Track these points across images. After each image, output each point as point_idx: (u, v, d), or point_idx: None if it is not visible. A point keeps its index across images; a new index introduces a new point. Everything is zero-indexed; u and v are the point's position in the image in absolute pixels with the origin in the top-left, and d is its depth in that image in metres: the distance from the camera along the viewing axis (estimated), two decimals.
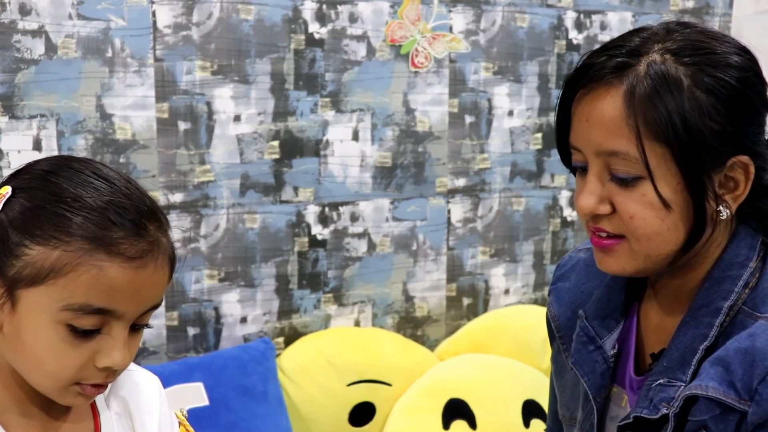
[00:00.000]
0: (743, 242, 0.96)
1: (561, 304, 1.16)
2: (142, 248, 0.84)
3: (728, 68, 0.90)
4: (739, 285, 0.93)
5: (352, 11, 2.03)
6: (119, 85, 1.82)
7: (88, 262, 0.82)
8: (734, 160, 0.90)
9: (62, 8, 1.75)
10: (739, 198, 0.93)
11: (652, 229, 0.91)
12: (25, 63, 1.73)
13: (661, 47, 0.91)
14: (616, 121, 0.90)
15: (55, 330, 0.83)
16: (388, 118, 2.10)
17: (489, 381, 1.97)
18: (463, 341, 2.16)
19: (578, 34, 2.28)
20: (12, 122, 1.73)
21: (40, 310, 0.83)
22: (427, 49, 2.11)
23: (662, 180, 0.90)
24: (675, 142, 0.88)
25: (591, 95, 0.92)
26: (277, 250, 2.02)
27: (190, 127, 1.90)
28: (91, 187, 0.85)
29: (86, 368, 0.85)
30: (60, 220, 0.83)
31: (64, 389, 0.86)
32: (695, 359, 0.92)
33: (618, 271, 0.97)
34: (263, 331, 2.04)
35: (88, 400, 0.89)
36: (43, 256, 0.82)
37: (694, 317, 0.94)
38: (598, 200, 0.94)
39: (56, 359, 0.84)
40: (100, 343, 0.84)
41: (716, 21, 2.47)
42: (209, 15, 1.89)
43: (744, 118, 0.91)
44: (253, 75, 1.94)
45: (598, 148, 0.92)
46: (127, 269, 0.83)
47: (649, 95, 0.88)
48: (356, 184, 2.09)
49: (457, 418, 1.91)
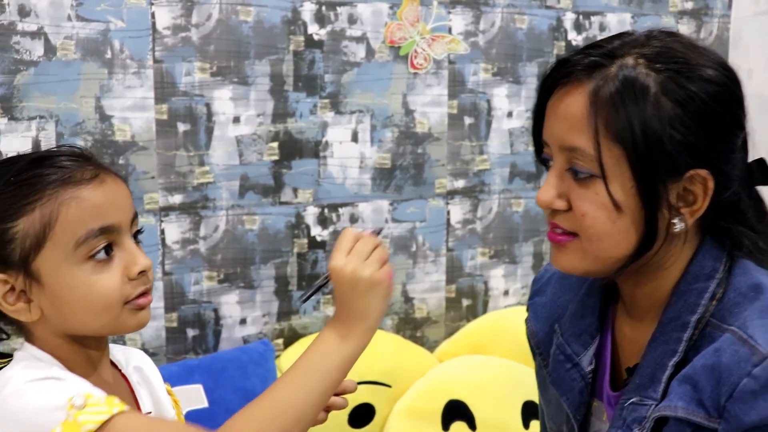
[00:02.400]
0: (709, 254, 0.95)
1: (538, 320, 1.16)
2: (92, 171, 0.95)
3: (700, 81, 0.90)
4: (706, 297, 0.92)
5: (351, 12, 2.03)
6: (118, 86, 1.82)
7: (64, 201, 0.91)
8: (693, 173, 0.89)
9: (61, 10, 1.75)
10: (697, 212, 0.91)
11: (602, 229, 0.91)
12: (24, 64, 1.73)
13: (637, 52, 0.91)
14: (579, 117, 0.90)
15: (82, 269, 0.92)
16: (388, 119, 2.10)
17: (488, 382, 1.97)
18: (462, 342, 2.16)
19: (577, 35, 2.28)
20: (11, 124, 1.73)
21: (60, 261, 0.91)
22: (426, 51, 2.11)
23: (616, 181, 0.90)
24: (631, 145, 0.88)
25: (563, 91, 0.93)
26: (276, 252, 2.02)
27: (189, 128, 1.90)
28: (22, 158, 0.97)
29: (126, 285, 0.94)
30: (21, 189, 0.92)
31: (121, 314, 0.95)
32: (665, 376, 0.91)
33: (568, 269, 0.97)
34: (263, 332, 2.04)
35: (146, 315, 0.98)
36: (29, 222, 0.91)
37: (663, 332, 0.94)
38: (556, 195, 0.95)
39: (99, 291, 0.93)
40: (121, 260, 0.94)
41: (715, 22, 2.48)
42: (208, 16, 1.89)
43: (709, 132, 0.90)
44: (253, 76, 1.94)
45: (560, 142, 0.93)
46: (94, 188, 0.94)
47: (612, 96, 0.89)
48: (355, 186, 2.09)
49: (457, 420, 1.91)
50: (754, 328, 0.86)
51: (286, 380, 0.93)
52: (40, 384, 0.90)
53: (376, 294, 0.95)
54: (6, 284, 0.93)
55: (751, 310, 0.88)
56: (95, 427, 0.86)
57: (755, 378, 0.83)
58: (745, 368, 0.84)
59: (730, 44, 2.50)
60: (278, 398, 0.92)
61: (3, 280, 0.93)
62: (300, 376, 0.93)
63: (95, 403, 0.88)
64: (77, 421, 0.86)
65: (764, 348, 0.84)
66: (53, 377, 0.91)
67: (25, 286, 0.93)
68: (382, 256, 0.96)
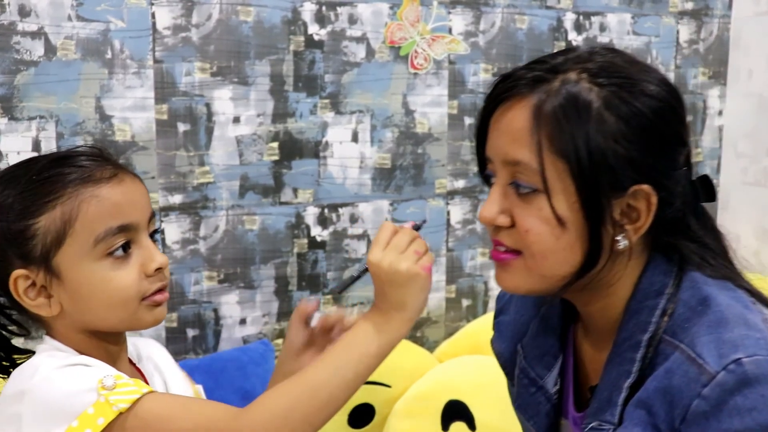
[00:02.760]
0: (657, 269, 0.94)
1: (503, 340, 1.15)
2: (111, 171, 0.98)
3: (642, 96, 0.89)
4: (657, 314, 0.91)
5: (351, 13, 2.03)
6: (118, 86, 1.82)
7: (85, 199, 0.95)
8: (636, 188, 0.89)
9: (61, 10, 1.75)
10: (640, 229, 0.91)
11: (546, 246, 0.90)
12: (25, 64, 1.73)
13: (580, 67, 0.90)
14: (522, 131, 0.89)
15: (101, 266, 0.95)
16: (388, 119, 2.10)
17: (488, 382, 1.96)
18: (462, 343, 2.16)
19: (578, 35, 2.28)
20: (11, 124, 1.73)
21: (79, 258, 0.95)
22: (426, 51, 2.11)
23: (559, 196, 0.89)
24: (574, 160, 0.87)
25: (506, 105, 0.92)
26: (276, 252, 2.02)
27: (189, 128, 1.90)
28: (43, 157, 1.00)
29: (142, 281, 0.98)
30: (43, 187, 0.95)
31: (138, 309, 0.98)
32: (620, 399, 0.90)
33: (513, 288, 0.96)
34: (262, 332, 2.04)
35: (162, 312, 1.01)
36: (49, 220, 0.94)
37: (617, 353, 0.93)
38: (499, 211, 0.93)
39: (116, 287, 0.96)
40: (138, 257, 0.98)
41: (715, 22, 2.48)
42: (208, 16, 1.89)
43: (651, 147, 0.89)
44: (253, 76, 1.94)
45: (503, 156, 0.92)
46: (113, 187, 0.97)
47: (555, 111, 0.88)
48: (355, 186, 2.09)
49: (457, 420, 1.91)
50: (702, 345, 0.85)
51: (322, 363, 0.95)
52: (69, 369, 0.92)
53: (413, 286, 0.96)
54: (27, 279, 0.96)
55: (699, 326, 0.87)
56: (127, 406, 0.89)
57: (705, 399, 0.82)
58: (695, 389, 0.82)
59: (730, 44, 2.50)
60: (312, 379, 0.94)
61: (24, 276, 0.96)
62: (336, 360, 0.95)
63: (125, 383, 0.91)
64: (109, 401, 0.89)
65: (712, 367, 0.82)
66: (81, 363, 0.93)
67: (46, 282, 0.96)
68: (418, 248, 0.98)
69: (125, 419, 0.90)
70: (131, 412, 0.90)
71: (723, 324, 0.86)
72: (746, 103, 2.46)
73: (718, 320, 0.86)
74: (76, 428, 0.88)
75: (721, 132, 2.53)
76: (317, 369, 0.95)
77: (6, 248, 0.96)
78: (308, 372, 0.94)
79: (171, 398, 0.99)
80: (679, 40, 2.43)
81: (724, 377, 0.81)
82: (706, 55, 2.48)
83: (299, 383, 0.93)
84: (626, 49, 2.34)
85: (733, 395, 0.81)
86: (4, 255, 0.96)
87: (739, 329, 0.85)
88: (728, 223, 2.51)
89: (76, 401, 0.89)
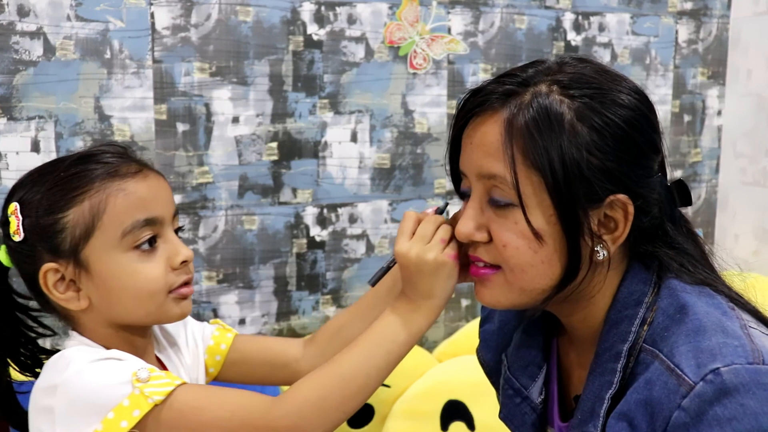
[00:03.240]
0: (636, 278, 0.93)
1: (489, 349, 1.15)
2: (136, 166, 1.01)
3: (614, 105, 0.89)
4: (636, 324, 0.91)
5: (350, 13, 2.03)
6: (118, 86, 1.82)
7: (112, 192, 0.97)
8: (612, 198, 0.88)
9: (60, 10, 1.75)
10: (618, 239, 0.90)
11: (524, 260, 0.90)
12: (24, 64, 1.73)
13: (550, 79, 0.90)
14: (496, 144, 0.89)
15: (128, 258, 0.97)
16: (387, 119, 2.10)
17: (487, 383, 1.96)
18: (461, 343, 2.16)
19: (577, 35, 2.28)
20: (10, 124, 1.73)
21: (107, 250, 0.97)
22: (425, 51, 2.11)
23: (536, 210, 0.88)
24: (549, 173, 0.87)
25: (478, 120, 0.92)
26: (275, 252, 2.02)
27: (188, 128, 1.90)
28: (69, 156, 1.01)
29: (169, 274, 1.00)
30: (71, 182, 0.97)
31: (165, 302, 1.00)
32: (603, 410, 0.90)
33: (493, 303, 0.95)
34: (262, 332, 2.04)
35: (188, 305, 1.04)
36: (78, 213, 0.96)
37: (599, 363, 0.92)
38: (476, 226, 0.93)
39: (144, 279, 0.98)
40: (164, 251, 1.00)
41: (714, 22, 2.48)
42: (207, 16, 1.89)
43: (626, 157, 0.89)
44: (252, 76, 1.94)
45: (478, 170, 0.92)
46: (139, 182, 0.99)
47: (527, 125, 0.87)
48: (355, 186, 2.09)
49: (456, 420, 1.91)
50: (680, 355, 0.84)
51: (353, 352, 0.96)
52: (102, 363, 0.94)
53: (440, 274, 0.97)
54: (57, 273, 0.98)
55: (678, 335, 0.87)
56: (162, 398, 0.91)
57: (685, 410, 0.81)
58: (675, 401, 0.82)
59: (729, 45, 2.50)
60: (344, 368, 0.95)
61: (54, 269, 0.98)
62: (366, 348, 0.96)
63: (158, 376, 0.93)
64: (144, 393, 0.91)
65: (690, 378, 0.82)
66: (113, 357, 0.95)
67: (75, 275, 0.98)
68: (444, 236, 0.97)
69: (160, 411, 0.92)
70: (166, 404, 0.92)
71: (701, 332, 0.85)
72: (745, 103, 2.46)
73: (696, 328, 0.86)
74: (112, 420, 0.90)
75: (720, 132, 2.53)
76: (349, 358, 0.96)
77: (35, 243, 0.98)
78: (340, 361, 0.96)
79: (204, 389, 1.00)
80: (678, 40, 2.44)
81: (702, 388, 0.81)
82: (705, 55, 2.48)
83: (331, 372, 0.95)
84: (625, 50, 2.35)
85: (713, 406, 0.80)
86: (33, 250, 0.98)
87: (716, 337, 0.84)
88: (727, 222, 2.52)
89: (112, 393, 0.91)
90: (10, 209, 0.99)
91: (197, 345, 1.17)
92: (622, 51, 2.35)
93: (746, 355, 0.82)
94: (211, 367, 1.18)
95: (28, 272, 1.01)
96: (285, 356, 1.19)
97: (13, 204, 0.99)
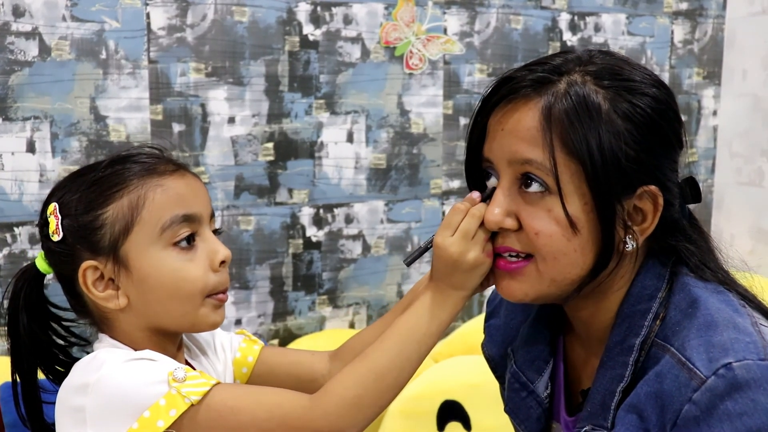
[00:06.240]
0: (650, 274, 0.93)
1: (494, 344, 1.15)
2: (173, 165, 1.00)
3: (645, 97, 0.89)
4: (649, 318, 0.91)
5: (346, 13, 2.03)
6: (113, 87, 1.81)
7: (150, 188, 0.96)
8: (644, 189, 0.89)
9: (56, 10, 1.74)
10: (647, 231, 0.91)
11: (557, 247, 0.89)
12: (19, 65, 1.73)
13: (581, 69, 0.90)
14: (533, 131, 0.89)
15: (168, 254, 0.96)
16: (383, 119, 2.10)
17: (484, 383, 1.97)
18: (457, 343, 2.16)
19: (572, 36, 2.28)
20: (5, 124, 1.73)
21: (147, 245, 0.96)
22: (421, 51, 2.12)
23: (572, 197, 0.88)
24: (588, 162, 0.87)
25: (509, 106, 0.91)
26: (271, 252, 2.02)
27: (184, 129, 1.89)
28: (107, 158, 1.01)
29: (208, 275, 0.98)
30: (109, 180, 0.97)
31: (202, 305, 0.98)
32: (614, 403, 0.90)
33: (520, 297, 0.94)
34: (258, 333, 2.03)
35: (223, 314, 1.02)
36: (117, 209, 0.96)
37: (610, 357, 0.92)
38: (505, 213, 0.92)
39: (184, 277, 0.97)
40: (203, 250, 0.99)
41: (710, 23, 2.48)
42: (203, 17, 1.89)
43: (656, 148, 0.89)
44: (248, 77, 1.94)
45: (511, 156, 0.91)
46: (177, 179, 0.99)
47: (567, 113, 0.88)
48: (351, 186, 2.09)
49: (452, 420, 1.91)
50: (692, 349, 0.85)
51: (385, 345, 0.96)
52: (137, 362, 0.93)
53: (476, 272, 0.96)
54: (96, 271, 0.97)
55: (689, 329, 0.87)
56: (199, 397, 0.90)
57: (696, 404, 0.82)
58: (686, 394, 0.82)
59: (724, 45, 2.51)
60: (378, 362, 0.94)
61: (93, 267, 0.97)
62: (398, 341, 0.96)
63: (194, 376, 0.92)
64: (181, 393, 0.90)
65: (702, 371, 0.82)
66: (146, 357, 0.94)
67: (114, 273, 0.97)
68: (487, 234, 0.95)
69: (197, 411, 0.91)
70: (203, 404, 0.91)
71: (712, 327, 0.86)
72: (740, 103, 2.47)
73: (708, 323, 0.87)
74: (148, 419, 0.89)
75: (716, 132, 2.54)
76: (382, 352, 0.95)
77: (74, 242, 0.97)
78: (373, 355, 0.95)
79: (241, 389, 1.00)
80: (673, 41, 2.44)
81: (714, 382, 0.82)
82: (700, 55, 2.48)
83: (365, 369, 0.94)
84: (621, 50, 2.35)
85: (724, 400, 0.81)
86: (72, 249, 0.97)
87: (728, 332, 0.85)
88: (722, 222, 2.52)
89: (148, 392, 0.90)
90: (50, 210, 0.98)
91: (226, 355, 1.16)
92: (618, 51, 2.35)
93: (758, 352, 0.83)
94: (238, 379, 1.17)
95: (66, 273, 0.99)
96: (312, 371, 1.17)
97: (52, 204, 0.98)
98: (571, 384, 1.04)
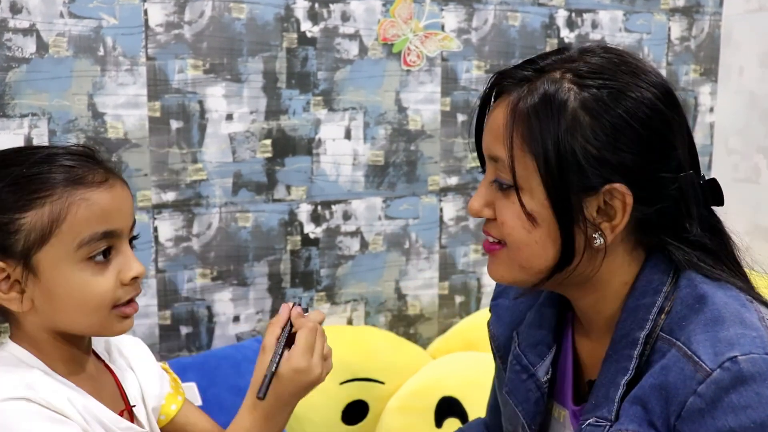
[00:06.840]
0: (656, 268, 0.95)
1: (500, 324, 1.17)
2: (103, 175, 0.98)
3: (624, 98, 0.90)
4: (654, 312, 0.92)
5: (344, 10, 2.03)
6: (111, 83, 1.81)
7: (74, 201, 0.94)
8: (609, 187, 0.90)
9: (53, 6, 1.74)
10: (617, 228, 0.92)
11: (519, 238, 0.94)
12: (16, 61, 1.72)
13: (566, 67, 0.92)
14: (501, 128, 0.93)
15: (80, 268, 0.95)
16: (381, 116, 2.10)
17: (481, 379, 1.97)
18: (455, 339, 2.16)
19: (570, 32, 2.29)
20: (3, 121, 1.73)
21: (60, 259, 0.94)
22: (419, 48, 2.12)
23: (530, 193, 0.92)
24: (542, 159, 0.89)
25: (495, 103, 0.96)
26: (269, 249, 2.02)
27: (182, 125, 1.89)
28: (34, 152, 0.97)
29: (117, 289, 0.97)
30: (33, 183, 0.93)
31: (108, 317, 0.97)
32: (618, 395, 0.92)
33: (498, 277, 1.00)
34: (256, 329, 2.04)
35: (130, 323, 1.01)
36: (36, 216, 0.93)
37: (615, 350, 0.94)
38: (484, 204, 0.98)
39: (93, 292, 0.95)
40: (116, 264, 0.97)
41: (706, 20, 2.48)
42: (201, 13, 1.88)
43: (626, 149, 0.90)
44: (246, 74, 1.94)
45: (488, 152, 0.96)
46: (104, 192, 0.96)
47: (528, 110, 0.90)
48: (349, 183, 2.09)
49: (450, 416, 1.92)
50: (698, 343, 0.86)
51: None
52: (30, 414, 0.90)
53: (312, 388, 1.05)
54: (3, 272, 0.95)
55: (696, 323, 0.88)
56: None
57: (701, 396, 0.83)
58: (691, 386, 0.84)
59: (721, 42, 2.51)
60: None
61: (0, 269, 0.95)
62: None
63: None
64: None
65: (708, 364, 0.84)
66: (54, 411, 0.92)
67: (21, 277, 0.94)
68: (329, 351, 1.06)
69: None
70: None
71: (719, 322, 0.87)
72: (737, 100, 2.47)
73: (715, 318, 0.87)
74: None
75: (713, 129, 2.54)
76: None
77: None
78: None
79: None
80: (670, 37, 2.44)
81: (719, 375, 0.83)
82: (697, 52, 2.49)
83: None
84: (618, 46, 2.35)
85: (729, 393, 0.82)
86: None
87: (735, 328, 0.86)
88: None
89: None
90: None
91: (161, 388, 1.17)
92: None
93: (764, 346, 0.84)
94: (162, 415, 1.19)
95: None
96: None
97: None
98: (580, 374, 1.05)
